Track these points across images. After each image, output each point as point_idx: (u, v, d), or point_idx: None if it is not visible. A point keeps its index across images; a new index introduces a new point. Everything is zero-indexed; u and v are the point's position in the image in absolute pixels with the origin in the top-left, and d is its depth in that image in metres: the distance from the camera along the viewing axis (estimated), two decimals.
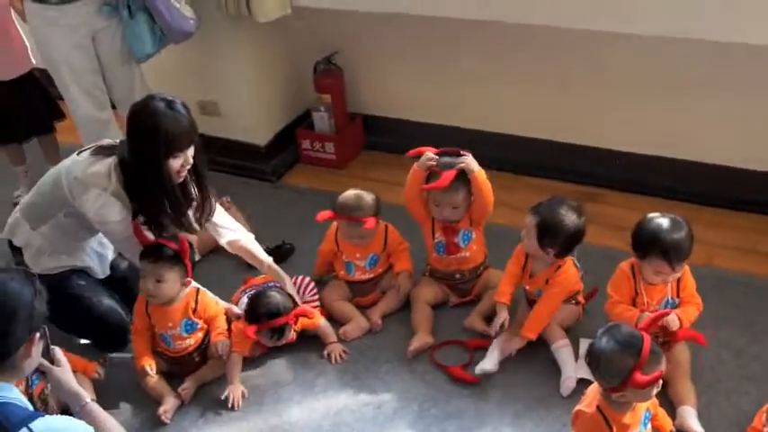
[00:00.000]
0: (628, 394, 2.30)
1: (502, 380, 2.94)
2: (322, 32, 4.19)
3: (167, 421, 2.94)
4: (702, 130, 3.59)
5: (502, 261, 3.12)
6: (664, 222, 2.71)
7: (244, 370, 3.11)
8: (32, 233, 3.18)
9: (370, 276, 3.30)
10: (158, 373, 3.03)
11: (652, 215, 2.76)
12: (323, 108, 4.20)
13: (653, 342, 2.30)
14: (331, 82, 4.17)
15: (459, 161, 3.06)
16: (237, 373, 3.06)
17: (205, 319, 3.09)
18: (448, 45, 3.94)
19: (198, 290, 3.09)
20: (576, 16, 3.25)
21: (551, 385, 2.89)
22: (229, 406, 2.97)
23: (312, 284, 3.31)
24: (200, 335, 3.09)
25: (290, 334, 3.12)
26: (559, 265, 2.97)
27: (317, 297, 3.30)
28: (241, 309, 3.14)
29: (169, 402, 2.97)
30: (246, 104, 4.20)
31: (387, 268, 3.33)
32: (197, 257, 3.53)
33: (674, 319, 2.69)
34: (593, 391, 2.42)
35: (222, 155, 4.23)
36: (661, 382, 2.32)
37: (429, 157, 3.10)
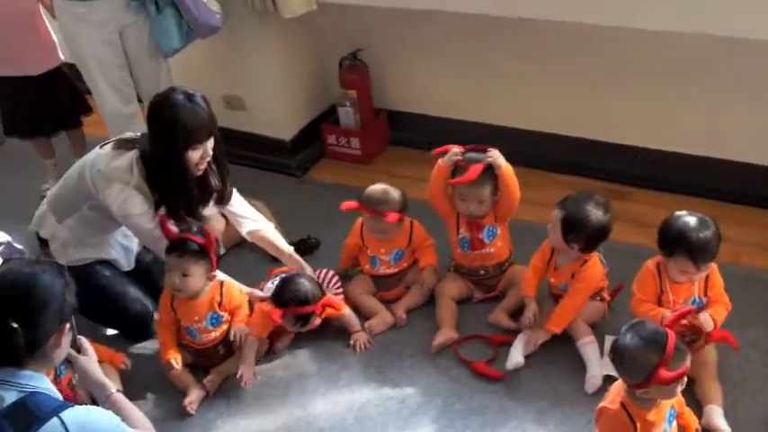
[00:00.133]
0: (652, 391, 2.29)
1: (526, 376, 2.94)
2: (347, 28, 4.19)
3: (192, 412, 2.97)
4: (731, 128, 3.55)
5: (527, 257, 3.11)
6: (691, 221, 2.68)
7: (268, 362, 3.13)
8: (58, 226, 3.21)
9: (395, 271, 3.31)
10: (183, 365, 3.05)
11: (679, 213, 2.74)
12: (348, 103, 4.20)
13: (678, 339, 2.28)
14: (356, 77, 4.17)
15: (486, 156, 3.06)
16: (252, 354, 3.07)
17: (230, 310, 3.10)
18: (475, 41, 3.92)
19: (222, 282, 3.10)
20: (605, 13, 3.22)
21: (576, 382, 2.88)
22: (242, 385, 3.00)
23: (336, 278, 3.32)
24: (225, 327, 3.10)
25: (314, 322, 3.13)
26: (585, 260, 2.96)
27: (341, 291, 3.31)
28: (267, 293, 3.15)
29: (194, 394, 3.00)
30: (272, 99, 4.21)
31: (411, 263, 3.33)
32: (222, 251, 3.55)
33: (708, 320, 2.65)
34: (617, 387, 2.41)
35: (247, 149, 4.26)
36: (686, 379, 2.30)
37: (455, 152, 3.10)
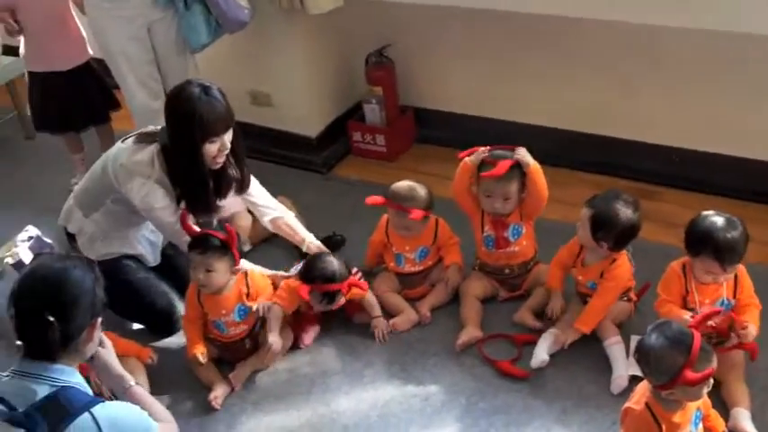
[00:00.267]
0: (677, 392, 2.27)
1: (551, 375, 2.93)
2: (374, 25, 4.19)
3: (218, 407, 2.98)
4: (762, 128, 3.51)
5: (553, 257, 3.10)
6: (718, 221, 2.65)
7: (292, 358, 3.14)
8: (85, 220, 3.24)
9: (420, 269, 3.30)
10: (209, 360, 3.07)
11: (707, 213, 2.71)
12: (374, 100, 4.20)
13: (703, 340, 2.26)
14: (383, 74, 4.16)
15: (514, 153, 3.05)
16: (277, 324, 3.09)
17: (257, 298, 3.11)
18: (503, 39, 3.90)
19: (246, 273, 3.10)
20: (636, 11, 3.20)
21: (602, 382, 2.86)
22: (271, 352, 3.04)
23: (360, 274, 3.32)
24: (253, 320, 3.11)
25: (339, 300, 3.14)
26: (614, 259, 2.94)
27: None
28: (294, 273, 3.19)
29: (220, 389, 3.01)
30: (298, 96, 4.22)
31: (436, 261, 3.33)
32: (246, 248, 3.56)
33: (752, 330, 2.64)
34: (642, 388, 2.39)
35: (273, 146, 4.28)
36: (712, 381, 2.28)
37: (482, 151, 3.09)
